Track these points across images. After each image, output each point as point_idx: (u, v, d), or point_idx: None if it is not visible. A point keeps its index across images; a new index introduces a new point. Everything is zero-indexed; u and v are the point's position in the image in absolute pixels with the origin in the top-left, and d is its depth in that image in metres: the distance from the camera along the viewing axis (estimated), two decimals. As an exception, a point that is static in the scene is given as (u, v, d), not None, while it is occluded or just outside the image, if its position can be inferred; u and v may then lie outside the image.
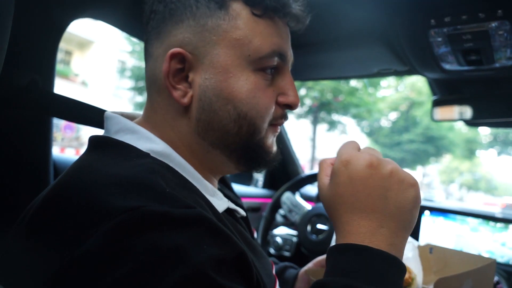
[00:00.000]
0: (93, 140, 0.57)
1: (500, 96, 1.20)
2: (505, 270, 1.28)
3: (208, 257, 0.39)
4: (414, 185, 0.48)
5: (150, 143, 0.54)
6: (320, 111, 12.37)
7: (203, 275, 0.37)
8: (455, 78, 1.21)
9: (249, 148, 0.58)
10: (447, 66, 1.08)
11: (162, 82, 0.55)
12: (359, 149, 0.54)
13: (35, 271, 0.40)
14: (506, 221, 1.34)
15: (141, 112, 0.65)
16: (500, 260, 1.32)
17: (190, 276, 0.36)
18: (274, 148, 0.62)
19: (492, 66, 1.01)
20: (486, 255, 1.35)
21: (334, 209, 0.50)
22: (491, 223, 1.37)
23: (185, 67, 0.54)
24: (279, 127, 0.63)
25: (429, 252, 0.81)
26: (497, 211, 1.56)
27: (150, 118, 0.59)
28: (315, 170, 1.62)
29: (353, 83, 11.10)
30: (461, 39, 0.91)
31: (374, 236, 0.45)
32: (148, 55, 0.59)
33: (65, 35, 0.93)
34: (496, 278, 1.25)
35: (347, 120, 14.55)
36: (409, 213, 0.47)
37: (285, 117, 0.62)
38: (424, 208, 1.55)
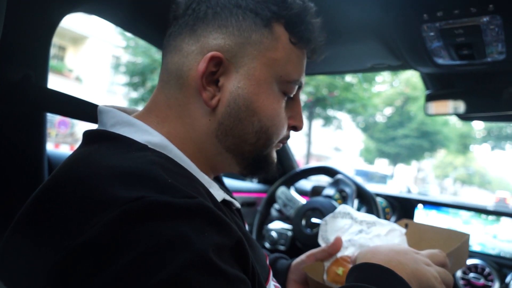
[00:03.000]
0: (88, 134, 0.57)
1: (492, 90, 1.21)
2: (497, 262, 1.31)
3: (210, 243, 0.40)
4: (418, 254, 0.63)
5: (147, 135, 0.54)
6: (316, 107, 12.39)
7: (205, 260, 0.38)
8: (448, 73, 1.22)
9: (259, 158, 0.62)
10: (440, 61, 1.08)
11: (189, 80, 0.56)
12: None
13: (36, 263, 0.40)
14: (497, 213, 1.36)
15: (135, 107, 0.65)
16: (491, 252, 1.34)
17: (193, 261, 0.37)
18: (275, 161, 0.67)
19: (484, 60, 1.02)
20: (478, 247, 1.37)
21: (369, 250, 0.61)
22: (483, 216, 1.39)
23: (218, 71, 0.56)
24: (280, 144, 0.67)
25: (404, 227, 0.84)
26: (490, 205, 1.58)
27: (159, 111, 0.59)
28: (310, 164, 1.63)
29: (348, 78, 11.12)
30: (453, 34, 0.92)
31: None
32: (173, 47, 0.59)
33: (59, 30, 0.92)
34: (487, 270, 1.27)
35: (342, 116, 14.60)
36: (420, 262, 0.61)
37: (288, 138, 0.68)
38: (417, 201, 1.56)
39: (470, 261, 1.32)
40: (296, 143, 16.70)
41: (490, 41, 0.92)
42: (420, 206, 1.54)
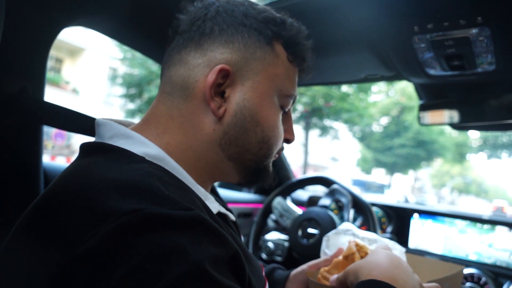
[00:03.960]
0: (86, 146, 0.58)
1: (484, 100, 1.22)
2: (492, 271, 1.31)
3: (206, 254, 0.40)
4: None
5: (144, 147, 0.55)
6: (312, 117, 12.44)
7: (202, 271, 0.39)
8: (440, 83, 1.24)
9: (259, 168, 0.65)
10: (432, 71, 1.10)
11: (196, 91, 0.58)
12: None
13: (34, 273, 0.40)
14: (492, 222, 1.37)
15: (131, 120, 0.66)
16: (487, 261, 1.35)
17: (189, 272, 0.38)
18: (272, 171, 0.70)
19: (475, 71, 1.04)
20: (474, 256, 1.38)
21: (371, 263, 0.60)
22: (478, 225, 1.39)
23: (225, 83, 0.59)
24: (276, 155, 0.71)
25: None
26: (487, 214, 1.59)
27: (159, 122, 0.60)
28: (306, 175, 1.64)
29: (345, 88, 11.19)
30: (444, 45, 0.94)
31: None
32: (177, 60, 0.61)
33: (56, 42, 0.93)
34: (483, 279, 1.28)
35: (339, 126, 14.65)
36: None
37: (283, 149, 0.72)
38: (413, 211, 1.57)
39: (466, 271, 1.32)
40: (293, 154, 16.71)
41: (480, 52, 0.94)
42: (416, 215, 1.55)
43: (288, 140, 0.70)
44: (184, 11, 0.63)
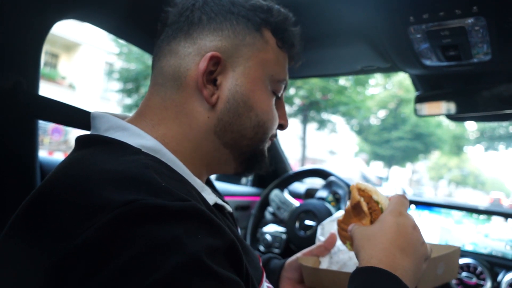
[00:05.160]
0: (81, 138, 0.58)
1: (480, 91, 1.23)
2: (488, 261, 1.32)
3: (203, 245, 0.41)
4: (424, 243, 0.62)
5: (140, 139, 0.55)
6: (310, 110, 12.44)
7: (198, 262, 0.39)
8: (436, 74, 1.24)
9: (255, 153, 0.66)
10: (428, 62, 1.10)
11: (188, 80, 0.59)
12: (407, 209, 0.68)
13: (31, 266, 0.41)
14: (488, 213, 1.38)
15: (126, 114, 0.66)
16: (483, 251, 1.36)
17: (186, 263, 0.38)
18: (267, 157, 0.70)
19: (470, 61, 1.04)
20: (470, 246, 1.39)
21: (374, 240, 0.60)
22: (475, 215, 1.40)
23: (216, 70, 0.59)
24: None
25: None
26: (484, 205, 1.60)
27: (153, 114, 0.60)
28: (303, 167, 1.64)
29: (342, 81, 11.18)
30: (439, 35, 0.93)
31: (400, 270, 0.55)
32: (167, 51, 0.61)
33: (51, 37, 0.92)
34: (479, 269, 1.29)
35: (336, 119, 14.65)
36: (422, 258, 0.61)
37: (276, 136, 0.72)
38: (409, 202, 1.58)
39: (462, 260, 1.33)
40: (291, 147, 16.72)
41: (475, 42, 0.94)
42: (412, 206, 1.55)
43: (282, 126, 0.71)
44: (171, 3, 0.64)
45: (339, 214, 0.90)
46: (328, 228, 0.90)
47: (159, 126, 0.59)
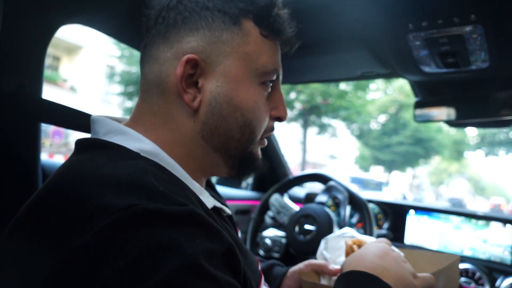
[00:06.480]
0: (81, 142, 0.58)
1: (479, 97, 1.24)
2: (487, 266, 1.32)
3: (201, 249, 0.41)
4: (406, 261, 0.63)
5: (139, 143, 0.55)
6: (310, 115, 12.45)
7: (196, 266, 0.39)
8: (436, 80, 1.25)
9: (245, 156, 0.63)
10: (427, 69, 1.11)
11: (169, 85, 0.57)
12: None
13: (30, 268, 0.41)
14: (487, 218, 1.38)
15: (126, 117, 0.66)
16: (482, 256, 1.36)
17: (184, 267, 0.38)
18: (260, 157, 0.68)
19: (469, 68, 1.05)
20: (468, 251, 1.39)
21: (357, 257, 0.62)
22: (473, 221, 1.41)
23: (196, 73, 0.57)
24: (265, 140, 0.68)
25: None
26: (484, 211, 1.60)
27: (145, 120, 0.60)
28: (303, 172, 1.65)
29: (343, 86, 11.20)
30: (438, 43, 0.95)
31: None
32: (149, 57, 0.60)
33: (53, 40, 0.93)
34: (478, 274, 1.29)
35: (337, 123, 14.66)
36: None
37: (273, 129, 0.69)
38: (409, 207, 1.58)
39: (461, 266, 1.33)
40: (291, 151, 16.71)
41: (473, 49, 0.95)
42: (411, 211, 1.56)
43: (280, 118, 0.67)
44: (149, 5, 0.62)
45: (344, 230, 0.90)
46: (332, 243, 0.90)
47: (150, 131, 0.59)
